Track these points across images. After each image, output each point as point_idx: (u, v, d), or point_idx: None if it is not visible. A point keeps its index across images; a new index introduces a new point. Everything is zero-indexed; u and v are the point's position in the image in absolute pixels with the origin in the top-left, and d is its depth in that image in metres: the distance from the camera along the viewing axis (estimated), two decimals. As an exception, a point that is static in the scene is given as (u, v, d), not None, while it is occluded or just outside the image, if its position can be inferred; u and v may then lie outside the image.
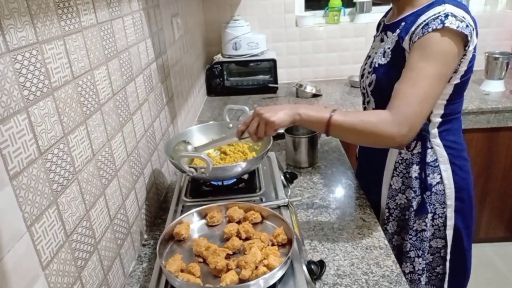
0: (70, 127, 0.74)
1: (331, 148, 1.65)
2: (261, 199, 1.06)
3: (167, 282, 0.79)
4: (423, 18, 0.99)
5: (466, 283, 1.29)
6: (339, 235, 1.10)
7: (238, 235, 0.87)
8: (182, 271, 0.78)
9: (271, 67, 2.35)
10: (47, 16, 0.67)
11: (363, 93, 1.25)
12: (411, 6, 1.08)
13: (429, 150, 1.14)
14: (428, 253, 1.22)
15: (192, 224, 0.94)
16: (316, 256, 1.03)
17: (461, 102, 1.13)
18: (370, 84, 1.17)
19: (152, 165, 1.24)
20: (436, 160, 1.14)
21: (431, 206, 1.16)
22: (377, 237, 1.09)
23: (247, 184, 1.16)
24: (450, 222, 1.17)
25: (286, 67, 2.58)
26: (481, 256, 2.37)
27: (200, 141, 1.27)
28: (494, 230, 2.38)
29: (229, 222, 0.93)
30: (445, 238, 1.19)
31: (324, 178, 1.41)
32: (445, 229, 1.18)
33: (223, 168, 1.10)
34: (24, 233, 0.59)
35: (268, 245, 0.84)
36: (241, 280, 0.75)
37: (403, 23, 1.07)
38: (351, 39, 2.53)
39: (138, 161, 1.12)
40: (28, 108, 0.62)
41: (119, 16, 1.01)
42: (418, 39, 0.97)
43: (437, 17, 0.96)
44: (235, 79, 2.41)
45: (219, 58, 2.39)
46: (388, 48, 1.11)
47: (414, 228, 1.19)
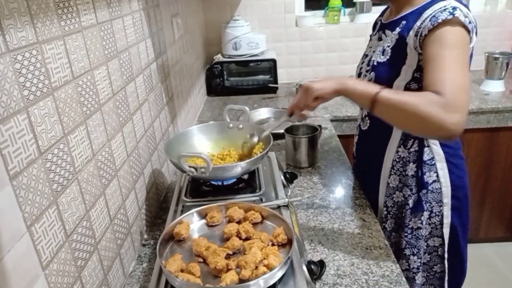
0: (70, 127, 0.74)
1: (331, 148, 1.65)
2: (261, 199, 1.06)
3: (167, 282, 0.79)
4: (429, 12, 1.00)
5: (463, 281, 1.30)
6: (339, 235, 1.10)
7: (238, 235, 0.87)
8: (182, 271, 0.78)
9: (271, 67, 2.35)
10: (47, 16, 0.67)
11: None
12: (410, 5, 1.09)
13: (425, 149, 1.14)
14: (425, 252, 1.22)
15: (192, 224, 0.94)
16: (316, 256, 1.03)
17: None
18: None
19: (152, 165, 1.24)
20: (432, 158, 1.15)
21: (427, 204, 1.17)
22: (377, 237, 1.09)
23: (247, 184, 1.16)
24: (447, 220, 1.18)
25: (286, 67, 2.58)
26: (481, 256, 2.37)
27: (200, 141, 1.27)
28: (494, 230, 2.38)
29: (229, 222, 0.93)
30: (442, 237, 1.20)
31: (324, 178, 1.41)
32: (442, 227, 1.19)
33: (223, 168, 1.10)
34: (24, 233, 0.59)
35: (268, 245, 0.84)
36: (241, 280, 0.75)
37: (403, 22, 1.08)
38: (351, 39, 2.53)
39: (138, 161, 1.12)
40: (28, 108, 0.62)
41: (119, 16, 1.01)
42: (429, 31, 0.97)
43: (444, 9, 0.96)
44: (235, 79, 2.41)
45: (219, 58, 2.39)
46: (388, 46, 1.12)
47: (410, 226, 1.20)
